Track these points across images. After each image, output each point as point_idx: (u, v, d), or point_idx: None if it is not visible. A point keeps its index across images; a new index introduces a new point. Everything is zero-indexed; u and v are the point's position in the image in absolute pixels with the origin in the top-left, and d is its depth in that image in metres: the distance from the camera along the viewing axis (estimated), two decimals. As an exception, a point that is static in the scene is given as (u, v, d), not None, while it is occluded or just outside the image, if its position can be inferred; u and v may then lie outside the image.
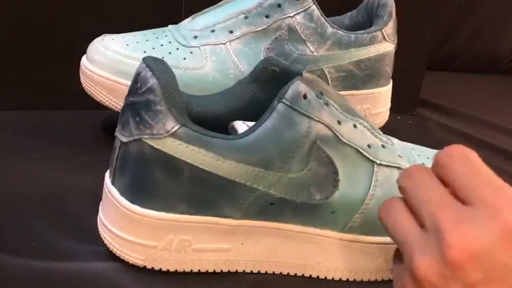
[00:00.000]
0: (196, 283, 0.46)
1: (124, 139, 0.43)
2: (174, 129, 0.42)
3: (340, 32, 0.62)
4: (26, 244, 0.47)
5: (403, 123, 0.80)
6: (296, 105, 0.43)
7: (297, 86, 0.43)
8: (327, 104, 0.45)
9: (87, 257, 0.46)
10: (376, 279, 0.48)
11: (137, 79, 0.43)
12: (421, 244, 0.36)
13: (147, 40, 0.61)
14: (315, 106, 0.44)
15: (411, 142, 0.54)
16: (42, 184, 0.55)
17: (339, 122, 0.45)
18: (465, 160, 0.39)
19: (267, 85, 0.47)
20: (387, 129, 0.60)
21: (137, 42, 0.60)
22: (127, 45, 0.60)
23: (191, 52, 0.60)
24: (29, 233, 0.48)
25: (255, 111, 0.45)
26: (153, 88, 0.42)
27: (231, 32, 0.60)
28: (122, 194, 0.44)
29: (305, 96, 0.43)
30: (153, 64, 0.43)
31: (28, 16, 0.67)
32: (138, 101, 0.43)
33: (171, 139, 0.42)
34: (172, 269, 0.46)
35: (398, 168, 0.47)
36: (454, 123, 0.83)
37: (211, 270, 0.46)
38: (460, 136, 0.79)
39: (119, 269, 0.45)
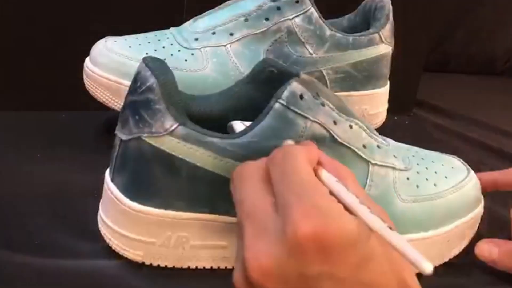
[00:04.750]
0: (197, 280, 0.46)
1: (124, 137, 0.44)
2: (173, 128, 0.43)
3: (338, 34, 0.63)
4: (29, 241, 0.48)
5: (400, 123, 0.80)
6: (293, 105, 0.43)
7: (294, 87, 0.44)
8: (323, 104, 0.45)
9: (90, 254, 0.47)
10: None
11: (137, 78, 0.44)
12: (237, 256, 0.36)
13: (149, 42, 0.61)
14: (311, 106, 0.44)
15: (407, 142, 0.54)
16: (46, 183, 0.56)
17: (335, 122, 0.45)
18: (281, 161, 0.36)
19: (264, 86, 0.47)
20: (384, 130, 0.60)
21: (139, 44, 0.61)
22: (130, 47, 0.61)
23: (192, 54, 0.60)
24: (32, 231, 0.49)
25: (252, 111, 0.46)
26: (152, 87, 0.42)
27: (231, 34, 0.60)
28: (121, 191, 0.45)
29: (301, 97, 0.44)
30: (153, 64, 0.43)
31: (32, 19, 0.68)
32: (138, 100, 0.43)
33: (169, 138, 0.43)
34: (170, 265, 0.46)
35: (393, 168, 0.48)
36: (450, 123, 0.83)
37: (208, 267, 0.47)
38: (456, 136, 0.79)
39: (121, 266, 0.46)
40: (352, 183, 0.38)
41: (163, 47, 0.61)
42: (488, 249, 0.51)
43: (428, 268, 0.32)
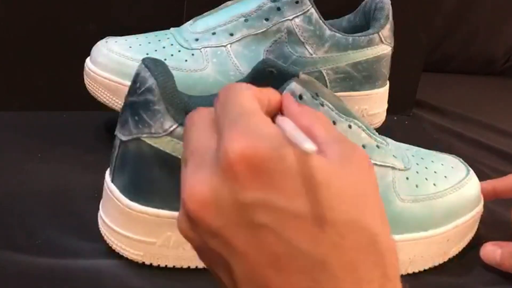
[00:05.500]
0: (198, 280, 0.46)
1: (124, 138, 0.44)
2: (172, 128, 0.43)
3: (338, 34, 0.63)
4: (31, 241, 0.48)
5: (400, 123, 0.80)
6: (292, 105, 0.44)
7: (293, 87, 0.43)
8: (322, 104, 0.45)
9: (91, 254, 0.47)
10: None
11: (136, 79, 0.44)
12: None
13: (149, 43, 0.61)
14: (310, 106, 0.44)
15: (407, 142, 0.54)
16: (47, 182, 0.56)
17: (334, 123, 0.45)
18: (223, 96, 0.34)
19: (264, 86, 0.47)
20: (383, 130, 0.60)
21: (140, 45, 0.61)
22: (130, 47, 0.61)
23: (193, 54, 0.60)
24: (34, 231, 0.49)
25: (252, 112, 0.46)
26: (151, 88, 0.43)
27: (231, 34, 0.61)
28: (121, 191, 0.45)
29: (300, 97, 0.44)
30: (152, 64, 0.43)
31: (33, 19, 0.68)
32: (137, 101, 0.43)
33: (169, 138, 0.43)
34: (170, 265, 0.46)
35: (392, 168, 0.48)
36: (449, 123, 0.83)
37: (208, 266, 0.47)
38: (455, 136, 0.79)
39: (121, 266, 0.46)
40: (319, 125, 0.34)
41: (163, 47, 0.61)
42: (492, 251, 0.51)
43: (310, 148, 0.29)
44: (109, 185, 0.46)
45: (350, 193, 0.30)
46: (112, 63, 0.60)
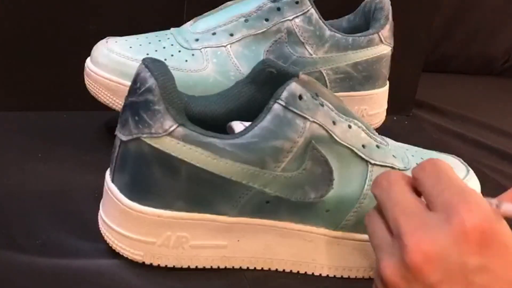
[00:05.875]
0: (198, 279, 0.47)
1: (124, 138, 0.44)
2: (172, 129, 0.43)
3: (338, 35, 0.63)
4: (31, 241, 0.48)
5: (399, 123, 0.80)
6: (292, 105, 0.44)
7: (293, 87, 0.44)
8: (322, 104, 0.45)
9: (91, 254, 0.47)
10: (370, 276, 0.48)
11: (137, 79, 0.44)
12: (388, 249, 0.38)
13: (149, 43, 0.61)
14: (310, 106, 0.44)
15: (407, 142, 0.54)
16: (48, 182, 0.56)
17: (334, 123, 0.45)
18: (434, 171, 0.39)
19: (264, 86, 0.48)
20: (383, 130, 0.60)
21: (140, 45, 0.61)
22: (130, 47, 0.61)
23: (193, 55, 0.60)
24: (34, 231, 0.49)
25: (252, 112, 0.46)
26: (151, 88, 0.43)
27: (231, 35, 0.61)
28: (121, 191, 0.45)
29: (300, 97, 0.44)
30: (152, 65, 0.43)
31: (34, 19, 0.68)
32: (137, 101, 0.43)
33: (169, 138, 0.43)
34: (170, 265, 0.46)
35: (392, 168, 0.48)
36: (449, 123, 0.83)
37: (208, 266, 0.47)
38: (455, 136, 0.79)
39: (122, 266, 0.46)
40: None
41: (164, 47, 0.61)
42: None
43: None
44: (109, 185, 0.46)
45: None
46: (113, 63, 0.60)
